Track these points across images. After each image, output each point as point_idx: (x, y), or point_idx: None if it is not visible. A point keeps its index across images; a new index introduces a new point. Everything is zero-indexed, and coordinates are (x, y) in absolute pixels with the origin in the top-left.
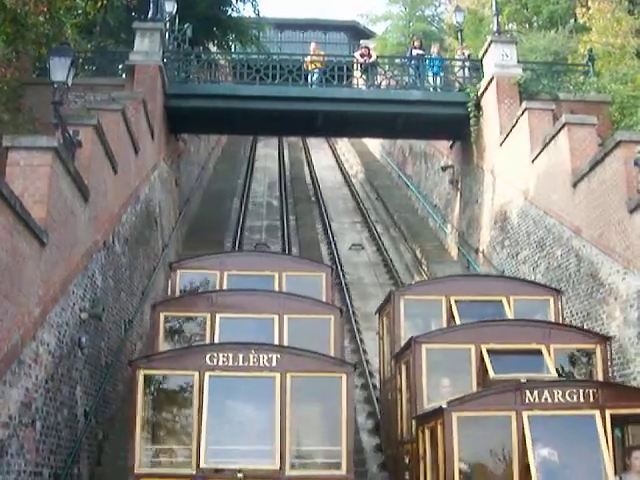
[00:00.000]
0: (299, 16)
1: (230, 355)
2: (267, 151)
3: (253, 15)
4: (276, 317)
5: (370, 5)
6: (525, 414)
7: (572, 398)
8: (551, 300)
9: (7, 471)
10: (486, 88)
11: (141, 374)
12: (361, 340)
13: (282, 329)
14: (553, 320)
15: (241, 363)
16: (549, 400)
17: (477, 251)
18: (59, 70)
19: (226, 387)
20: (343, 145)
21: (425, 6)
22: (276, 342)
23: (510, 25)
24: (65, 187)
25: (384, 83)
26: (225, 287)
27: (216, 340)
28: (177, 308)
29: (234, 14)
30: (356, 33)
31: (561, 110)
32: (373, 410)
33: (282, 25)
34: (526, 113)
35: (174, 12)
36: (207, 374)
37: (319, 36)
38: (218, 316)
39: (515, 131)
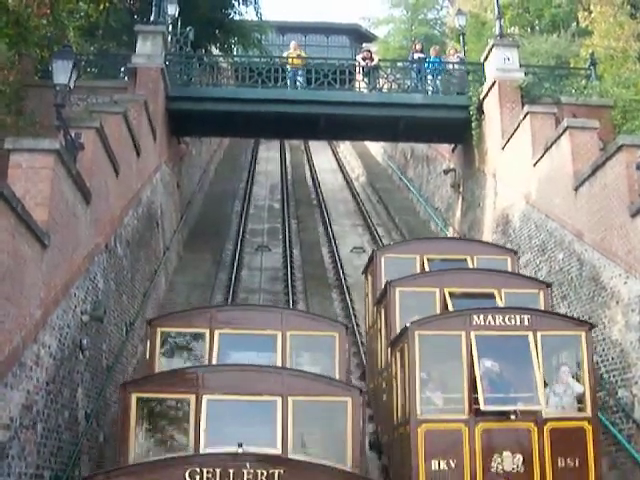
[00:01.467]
0: (301, 19)
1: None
2: (269, 154)
3: (255, 18)
4: (279, 401)
5: (372, 8)
6: (473, 334)
7: (510, 322)
8: (509, 259)
9: (8, 473)
10: (488, 92)
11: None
12: (362, 343)
13: (286, 417)
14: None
15: None
16: (492, 323)
17: None
18: (61, 73)
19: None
20: (345, 148)
21: (427, 9)
22: (279, 438)
23: (512, 29)
24: (67, 189)
25: (386, 87)
26: (216, 351)
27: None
28: (153, 389)
29: (236, 17)
30: (358, 36)
31: (563, 114)
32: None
33: (284, 28)
34: (528, 117)
35: (176, 15)
36: None
37: (321, 39)
38: (205, 399)
39: (517, 135)
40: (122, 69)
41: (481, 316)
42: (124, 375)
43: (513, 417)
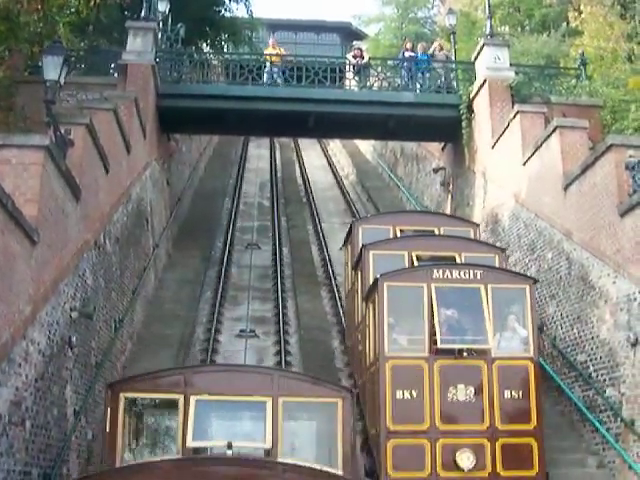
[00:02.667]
0: (292, 17)
1: None
2: (259, 151)
3: (246, 15)
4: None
5: (363, 6)
6: (433, 285)
7: (465, 276)
8: (471, 230)
9: None
10: (478, 91)
11: None
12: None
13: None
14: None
15: None
16: (449, 276)
17: None
18: (52, 68)
19: None
20: (334, 146)
21: (418, 8)
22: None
23: (502, 28)
24: (57, 186)
25: (376, 85)
26: (192, 419)
27: None
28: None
29: (227, 14)
30: (349, 34)
31: (553, 113)
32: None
33: (275, 26)
34: (518, 116)
35: (167, 12)
36: None
37: (312, 37)
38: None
39: (507, 134)
40: (112, 65)
41: (440, 271)
42: (112, 372)
43: (466, 354)
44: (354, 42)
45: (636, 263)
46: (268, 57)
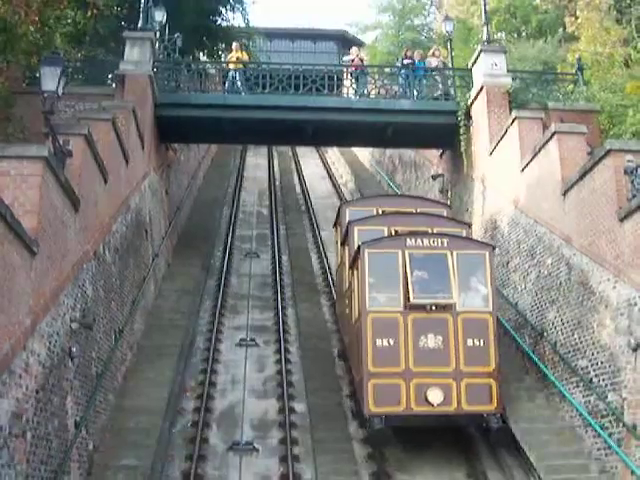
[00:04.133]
0: (288, 25)
1: None
2: (257, 160)
3: (243, 25)
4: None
5: (359, 14)
6: (406, 251)
7: (434, 244)
8: (444, 211)
9: None
10: (476, 97)
11: None
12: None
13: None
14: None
15: None
16: (421, 244)
17: None
18: (49, 79)
19: None
20: (333, 154)
21: (414, 15)
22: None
23: (499, 34)
24: (56, 197)
25: (374, 92)
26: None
27: None
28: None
29: (224, 23)
30: (345, 42)
31: (550, 119)
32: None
33: (271, 34)
34: (516, 122)
35: (164, 21)
36: None
37: (308, 45)
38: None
39: (505, 140)
40: (110, 76)
41: (413, 239)
42: (113, 382)
43: (434, 309)
44: (352, 48)
45: (636, 268)
46: (233, 63)
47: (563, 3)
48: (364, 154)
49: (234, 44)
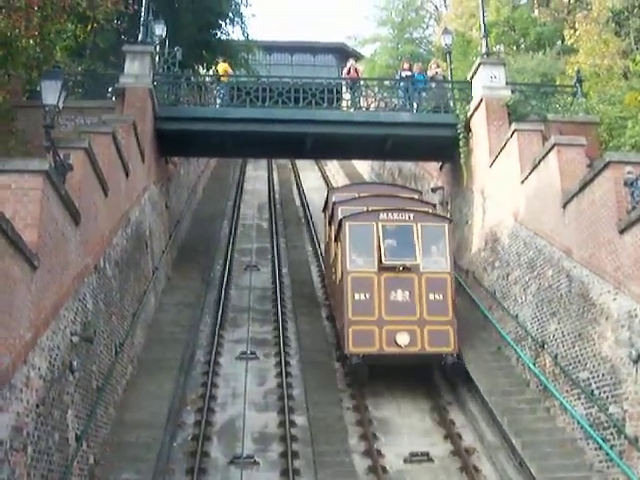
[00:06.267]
0: (288, 39)
1: None
2: (256, 173)
3: (242, 38)
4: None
5: (358, 27)
6: (379, 223)
7: (402, 217)
8: (416, 195)
9: None
10: (475, 110)
11: None
12: None
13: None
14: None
15: None
16: (391, 217)
17: (467, 272)
18: (50, 93)
19: None
20: (332, 167)
21: (413, 28)
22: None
23: (498, 47)
24: (56, 210)
25: (373, 105)
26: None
27: None
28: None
29: (223, 37)
30: (344, 55)
31: (550, 131)
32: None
33: (271, 48)
34: (515, 134)
35: (164, 35)
36: None
37: (307, 58)
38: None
39: (504, 152)
40: (110, 89)
41: (384, 213)
42: (113, 396)
43: (402, 269)
44: (349, 60)
45: (636, 280)
46: (224, 77)
47: (562, 16)
48: (363, 166)
49: (221, 65)
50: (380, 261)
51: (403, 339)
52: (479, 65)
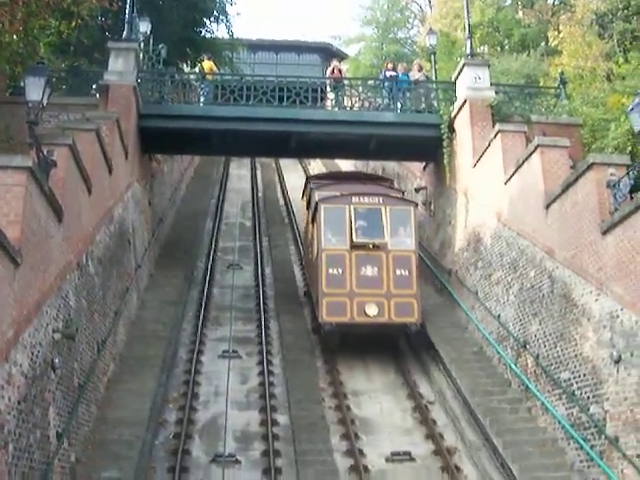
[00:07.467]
0: (273, 37)
1: None
2: (240, 172)
3: (227, 36)
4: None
5: (344, 27)
6: (352, 206)
7: (372, 201)
8: (387, 183)
9: None
10: (459, 110)
11: None
12: None
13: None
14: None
15: None
16: (362, 201)
17: (450, 272)
18: (34, 89)
19: None
20: (316, 166)
21: (398, 28)
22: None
23: (482, 48)
24: (39, 207)
25: (357, 105)
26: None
27: None
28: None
29: (208, 35)
30: (329, 55)
31: (533, 132)
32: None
33: (255, 46)
34: (499, 135)
35: (148, 32)
36: None
37: (292, 57)
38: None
39: (488, 153)
40: (94, 86)
41: (356, 197)
42: (95, 394)
43: (372, 247)
44: (333, 61)
45: (618, 280)
46: (209, 75)
47: (546, 17)
48: (347, 166)
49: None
50: (352, 240)
51: (372, 310)
52: (463, 66)
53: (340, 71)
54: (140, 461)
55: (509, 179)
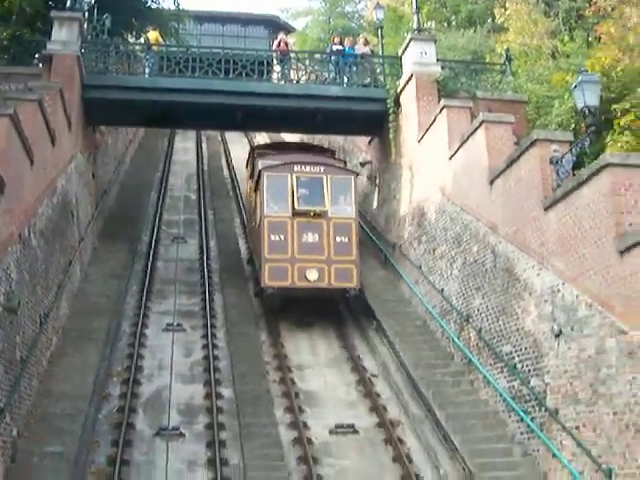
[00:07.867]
0: (219, 9)
1: None
2: (185, 144)
3: (172, 7)
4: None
5: (292, 0)
6: (293, 175)
7: (314, 169)
8: (329, 153)
9: None
10: (405, 85)
11: None
12: None
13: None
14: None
15: None
16: (304, 170)
17: (394, 246)
18: None
19: None
20: (261, 139)
21: (345, 2)
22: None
23: (429, 23)
24: None
25: (304, 78)
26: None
27: None
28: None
29: (153, 5)
30: (276, 28)
31: (479, 108)
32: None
33: (202, 18)
34: (444, 111)
35: (92, 2)
36: None
37: (239, 30)
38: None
39: (433, 128)
40: (37, 56)
41: (298, 166)
42: (38, 367)
43: (313, 215)
44: (280, 33)
45: (560, 256)
46: (155, 46)
47: None
48: (293, 139)
49: (152, 33)
50: (294, 207)
51: (312, 275)
52: (410, 41)
53: (287, 44)
54: (83, 435)
55: (454, 154)
